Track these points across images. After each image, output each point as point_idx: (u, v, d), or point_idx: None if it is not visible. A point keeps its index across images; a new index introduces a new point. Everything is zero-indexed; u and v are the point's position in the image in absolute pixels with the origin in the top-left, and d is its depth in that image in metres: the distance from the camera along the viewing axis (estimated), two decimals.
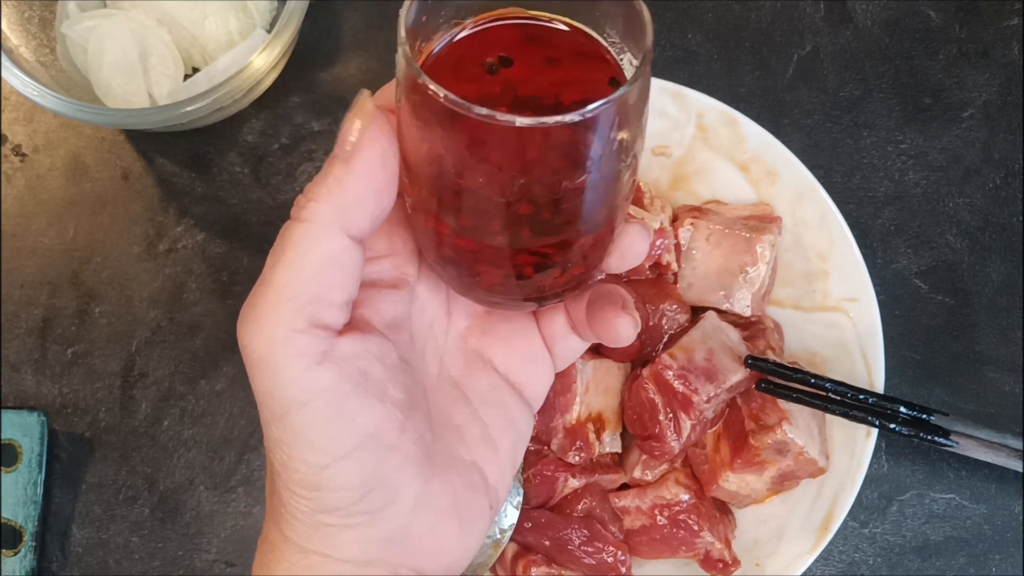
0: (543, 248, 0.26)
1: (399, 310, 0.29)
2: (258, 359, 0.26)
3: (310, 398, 0.26)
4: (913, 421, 0.45)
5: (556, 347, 0.33)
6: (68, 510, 0.54)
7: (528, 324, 0.32)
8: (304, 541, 0.28)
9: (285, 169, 0.57)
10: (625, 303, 0.30)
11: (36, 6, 0.54)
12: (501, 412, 0.32)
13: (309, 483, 0.27)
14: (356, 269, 0.27)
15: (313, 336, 0.26)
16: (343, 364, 0.26)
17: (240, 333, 0.26)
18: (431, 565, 0.29)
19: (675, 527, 0.48)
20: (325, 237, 0.25)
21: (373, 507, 0.27)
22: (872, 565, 0.53)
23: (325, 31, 0.59)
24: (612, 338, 0.30)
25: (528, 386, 0.32)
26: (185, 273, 0.56)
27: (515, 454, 0.32)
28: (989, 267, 0.56)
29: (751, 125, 0.51)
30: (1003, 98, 0.58)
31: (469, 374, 0.32)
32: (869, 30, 0.59)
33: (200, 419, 0.55)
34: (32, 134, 0.58)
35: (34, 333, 0.56)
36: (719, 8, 0.60)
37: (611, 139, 0.24)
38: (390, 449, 0.27)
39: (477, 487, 0.30)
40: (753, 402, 0.48)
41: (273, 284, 0.26)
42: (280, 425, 0.26)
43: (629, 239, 0.29)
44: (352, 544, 0.28)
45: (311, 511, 0.27)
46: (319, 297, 0.26)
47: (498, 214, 0.25)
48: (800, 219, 0.51)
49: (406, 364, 0.29)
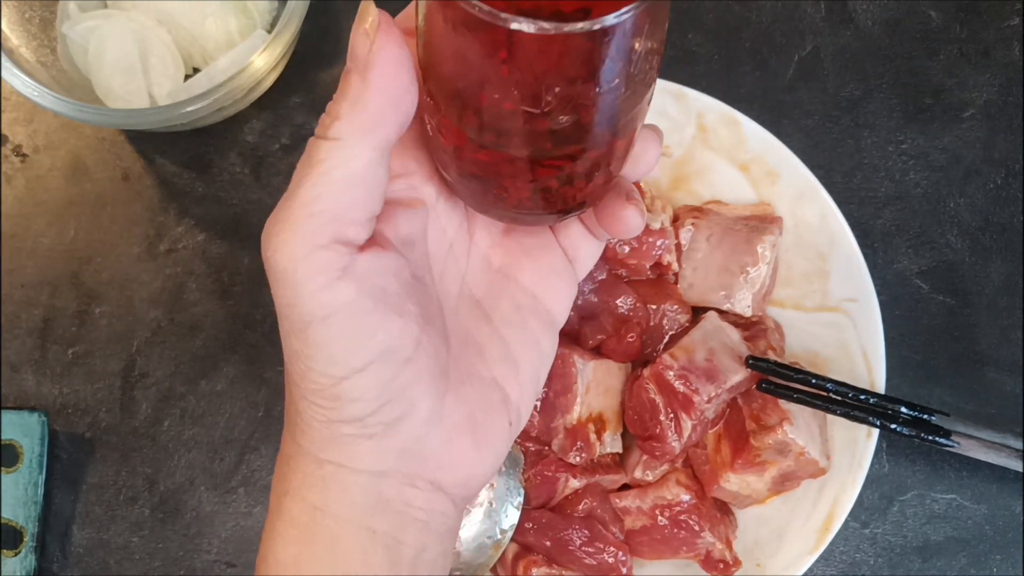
0: (569, 157, 0.26)
1: (414, 228, 0.29)
2: (280, 272, 0.26)
3: (330, 312, 0.26)
4: (914, 421, 0.45)
5: (577, 253, 0.33)
6: (69, 511, 0.54)
7: (548, 239, 0.32)
8: (319, 451, 0.28)
9: (285, 169, 0.57)
10: (630, 194, 0.30)
11: (37, 6, 0.54)
12: (523, 331, 0.32)
13: (327, 394, 0.27)
14: (380, 185, 0.27)
15: (335, 252, 0.26)
16: (363, 280, 0.26)
17: (264, 246, 0.26)
18: (447, 478, 0.29)
19: (676, 527, 0.48)
20: (350, 153, 0.26)
21: (389, 418, 0.28)
22: (873, 565, 0.53)
23: (325, 31, 0.59)
24: (621, 230, 0.30)
25: (554, 300, 0.32)
26: (185, 273, 0.56)
27: (537, 373, 0.32)
28: (990, 267, 0.56)
29: (751, 125, 0.51)
30: (1004, 98, 0.58)
31: (491, 294, 0.32)
32: (870, 30, 0.59)
33: (200, 419, 0.55)
34: (32, 134, 0.58)
35: (34, 333, 0.56)
36: (719, 8, 0.60)
37: (638, 48, 0.24)
38: (406, 363, 0.28)
39: (495, 405, 0.31)
40: (754, 402, 0.48)
41: (298, 199, 0.26)
42: (300, 337, 0.27)
43: (641, 144, 0.29)
44: (367, 455, 0.28)
45: (327, 420, 0.28)
46: (342, 214, 0.26)
47: (525, 124, 0.25)
48: (801, 219, 0.51)
49: (419, 281, 0.30)
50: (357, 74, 0.26)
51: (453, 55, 0.24)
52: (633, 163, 0.29)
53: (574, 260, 0.33)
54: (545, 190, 0.28)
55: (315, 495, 0.29)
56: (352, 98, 0.26)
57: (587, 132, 0.26)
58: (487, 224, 0.32)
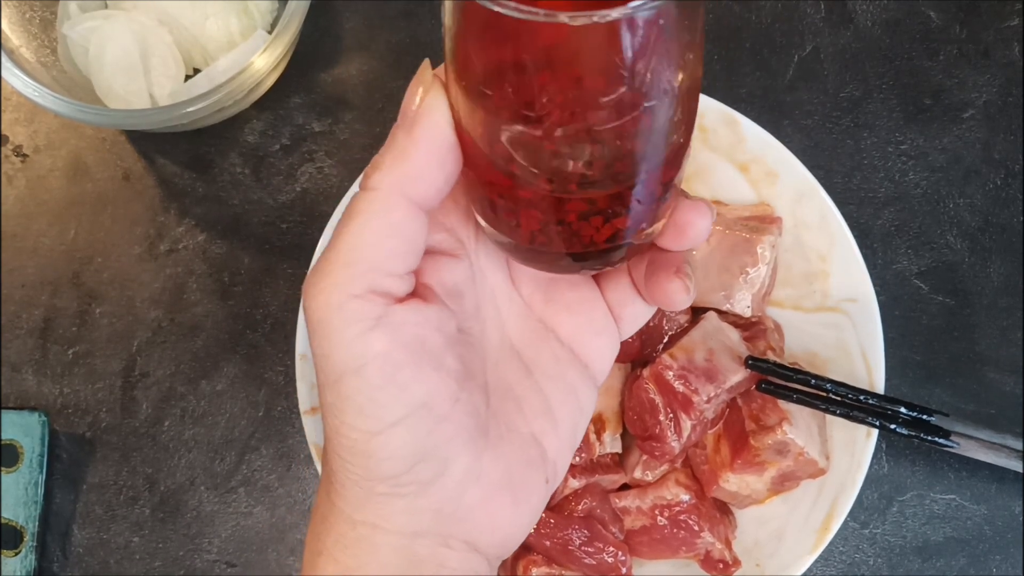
0: (598, 200, 0.26)
1: (459, 278, 0.29)
2: (316, 322, 0.26)
3: (363, 363, 0.26)
4: (913, 422, 0.45)
5: (623, 312, 0.32)
6: (69, 510, 0.54)
7: (593, 293, 0.32)
8: (353, 511, 0.28)
9: (286, 170, 0.57)
10: (679, 268, 0.29)
11: (37, 7, 0.54)
12: (563, 385, 0.31)
13: (359, 450, 0.27)
14: (418, 237, 0.27)
15: (370, 302, 0.26)
16: (398, 330, 0.26)
17: (303, 297, 0.27)
18: (484, 539, 0.29)
19: (675, 527, 0.48)
20: (388, 205, 0.26)
21: (423, 478, 0.27)
22: (872, 566, 0.53)
23: (326, 32, 0.59)
24: (664, 302, 0.30)
25: (593, 358, 0.32)
26: (186, 273, 0.56)
27: (576, 429, 0.32)
28: (989, 268, 0.56)
29: (751, 125, 0.51)
30: (1003, 99, 0.58)
31: (532, 344, 0.31)
32: (869, 31, 0.59)
33: (201, 419, 0.55)
34: (33, 135, 0.58)
35: (35, 333, 0.56)
36: (719, 8, 0.60)
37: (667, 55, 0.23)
38: (442, 420, 0.27)
39: (534, 461, 0.30)
40: (753, 403, 0.48)
41: (336, 250, 0.26)
42: (333, 389, 0.26)
43: (688, 214, 0.28)
44: (401, 514, 0.28)
45: (360, 478, 0.27)
46: (379, 264, 0.26)
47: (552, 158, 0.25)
48: (800, 220, 0.51)
49: (465, 334, 0.29)
50: (404, 129, 0.26)
51: (468, 88, 0.24)
52: (679, 234, 0.28)
53: (619, 319, 0.32)
54: (575, 236, 0.27)
55: (348, 556, 0.28)
56: (396, 151, 0.26)
57: (615, 170, 0.25)
58: (528, 271, 0.32)
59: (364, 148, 0.57)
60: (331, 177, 0.57)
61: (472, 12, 0.23)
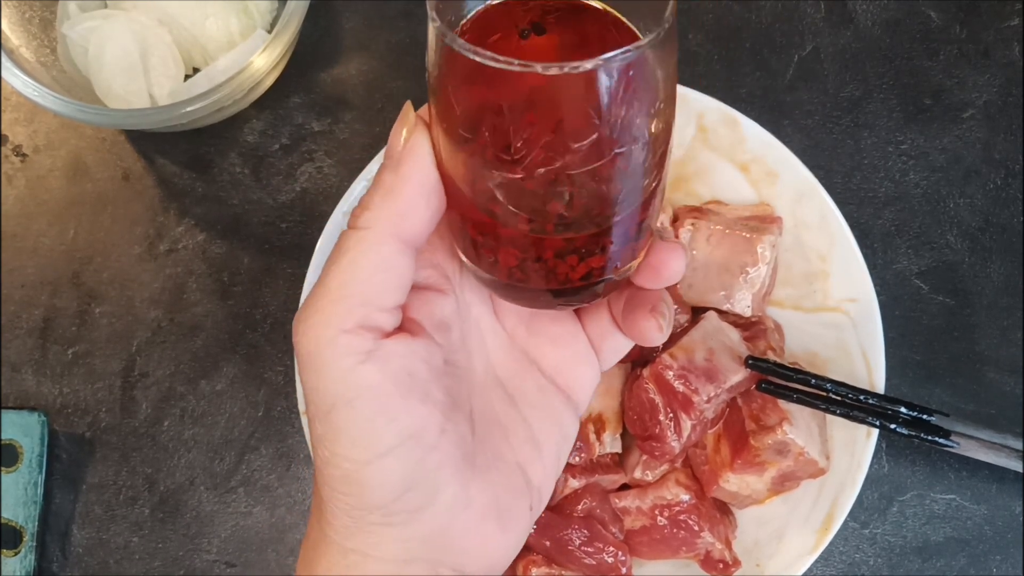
0: (573, 240, 0.27)
1: (446, 312, 0.30)
2: (306, 355, 0.27)
3: (354, 396, 0.27)
4: (913, 422, 0.45)
5: (603, 344, 0.33)
6: (68, 510, 0.54)
7: (574, 327, 0.33)
8: (343, 540, 0.28)
9: (285, 169, 0.57)
10: (655, 307, 0.30)
11: (37, 6, 0.54)
12: (547, 414, 0.32)
13: (350, 479, 0.27)
14: (406, 273, 0.28)
15: (360, 336, 0.27)
16: (388, 364, 0.27)
17: (294, 332, 0.27)
18: (472, 565, 0.30)
19: (675, 527, 0.48)
20: (377, 243, 0.27)
21: (413, 506, 0.28)
22: (873, 566, 0.53)
23: (326, 31, 0.59)
24: (640, 339, 0.31)
25: (575, 388, 0.33)
26: (186, 273, 0.56)
27: (559, 456, 0.33)
28: (990, 268, 0.56)
29: (751, 125, 0.51)
30: (1003, 99, 0.58)
31: (516, 375, 0.32)
32: (870, 31, 0.59)
33: (200, 419, 0.55)
34: (33, 134, 0.58)
35: (35, 333, 0.56)
36: (719, 8, 0.60)
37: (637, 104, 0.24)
38: (430, 449, 0.28)
39: (519, 488, 0.31)
40: (753, 402, 0.48)
41: (326, 287, 0.27)
42: (324, 421, 0.27)
43: (663, 255, 0.29)
44: (391, 543, 0.28)
45: (351, 507, 0.28)
46: (369, 300, 0.27)
47: (529, 200, 0.25)
48: (800, 220, 0.51)
49: (451, 366, 0.30)
50: (391, 169, 0.27)
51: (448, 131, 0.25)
52: (654, 274, 0.30)
53: (600, 351, 0.33)
54: (552, 273, 0.28)
55: None
56: (384, 190, 0.27)
57: (592, 209, 0.26)
58: (511, 305, 0.33)
59: (364, 148, 0.57)
60: (331, 177, 0.57)
61: (453, 59, 0.24)
